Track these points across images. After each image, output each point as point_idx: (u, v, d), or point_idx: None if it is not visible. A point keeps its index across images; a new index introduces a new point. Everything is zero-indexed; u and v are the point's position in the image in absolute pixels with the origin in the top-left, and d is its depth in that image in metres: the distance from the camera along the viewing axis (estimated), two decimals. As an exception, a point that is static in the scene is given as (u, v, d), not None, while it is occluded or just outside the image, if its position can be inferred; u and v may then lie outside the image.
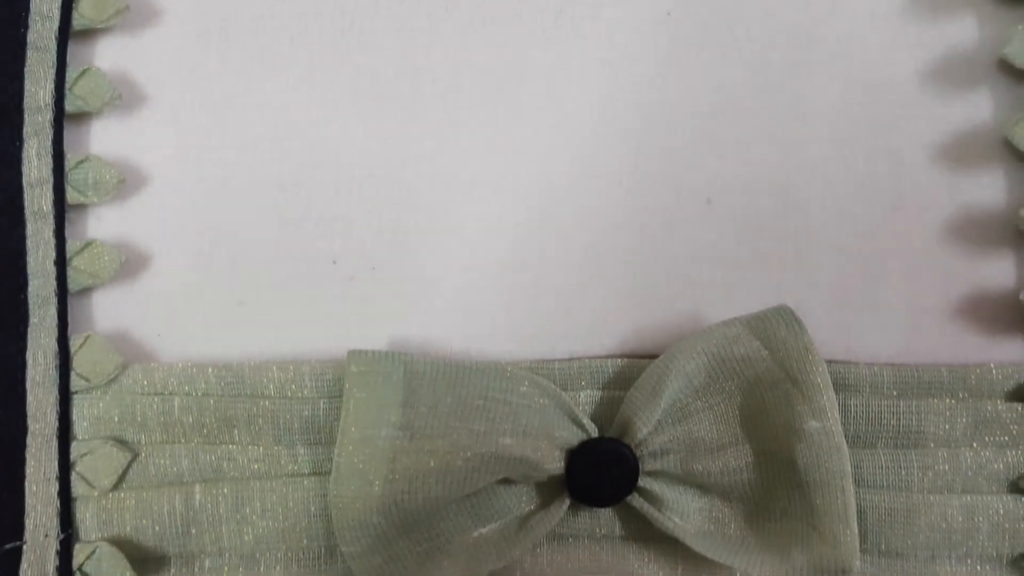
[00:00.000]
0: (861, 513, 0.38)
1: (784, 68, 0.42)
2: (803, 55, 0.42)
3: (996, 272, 0.41)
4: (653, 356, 0.39)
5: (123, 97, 0.41)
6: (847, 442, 0.37)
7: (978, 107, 0.41)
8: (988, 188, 0.41)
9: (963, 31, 0.42)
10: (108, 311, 0.41)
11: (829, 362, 0.39)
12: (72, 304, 0.40)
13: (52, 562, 0.38)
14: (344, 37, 0.42)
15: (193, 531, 0.39)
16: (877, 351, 0.40)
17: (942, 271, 0.41)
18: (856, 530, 0.37)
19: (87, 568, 0.38)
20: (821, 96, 0.42)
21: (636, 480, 0.38)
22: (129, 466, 0.39)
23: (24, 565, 0.38)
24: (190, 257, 0.41)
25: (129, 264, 0.41)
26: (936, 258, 0.41)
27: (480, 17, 0.42)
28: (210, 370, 0.40)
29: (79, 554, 0.38)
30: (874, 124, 0.42)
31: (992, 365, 0.40)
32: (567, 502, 0.39)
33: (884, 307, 0.41)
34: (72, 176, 0.40)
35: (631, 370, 0.40)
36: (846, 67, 0.42)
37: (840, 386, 0.39)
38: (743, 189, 0.41)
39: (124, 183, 0.41)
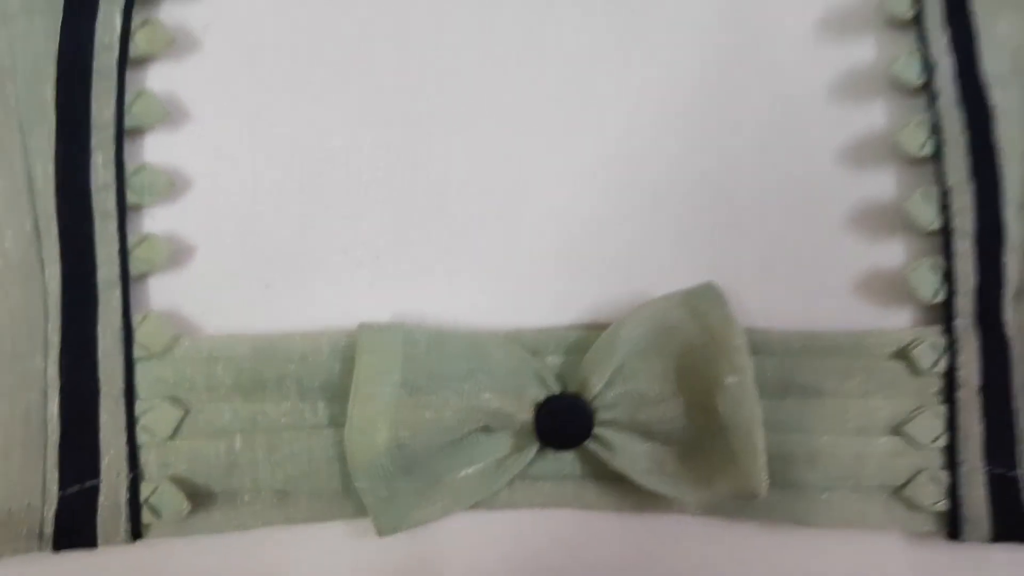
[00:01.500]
0: (771, 452, 0.40)
1: (721, 89, 0.45)
2: (736, 76, 0.45)
3: (887, 254, 0.44)
4: (607, 326, 0.41)
5: (171, 115, 0.44)
6: (762, 394, 0.40)
7: (873, 117, 0.45)
8: (881, 185, 0.44)
9: (863, 50, 0.45)
10: (162, 293, 0.43)
11: (749, 329, 0.42)
12: (133, 287, 0.43)
13: (124, 496, 0.41)
14: (353, 62, 0.45)
15: (235, 472, 0.42)
16: (789, 320, 0.43)
17: (843, 254, 0.44)
18: (765, 464, 0.39)
19: (152, 501, 0.41)
20: (751, 112, 0.45)
21: (591, 428, 0.41)
22: (183, 420, 0.42)
23: (101, 498, 0.41)
24: (227, 248, 0.44)
25: (178, 254, 0.44)
26: (838, 243, 0.44)
27: (464, 54, 0.46)
28: (246, 340, 0.42)
29: (144, 490, 0.41)
30: (791, 134, 0.45)
31: (882, 331, 0.43)
32: (536, 447, 0.41)
33: (796, 283, 0.44)
34: (131, 181, 0.43)
35: (589, 338, 0.42)
36: (771, 88, 0.45)
37: (757, 349, 0.42)
38: (686, 187, 0.45)
39: (174, 187, 0.44)
